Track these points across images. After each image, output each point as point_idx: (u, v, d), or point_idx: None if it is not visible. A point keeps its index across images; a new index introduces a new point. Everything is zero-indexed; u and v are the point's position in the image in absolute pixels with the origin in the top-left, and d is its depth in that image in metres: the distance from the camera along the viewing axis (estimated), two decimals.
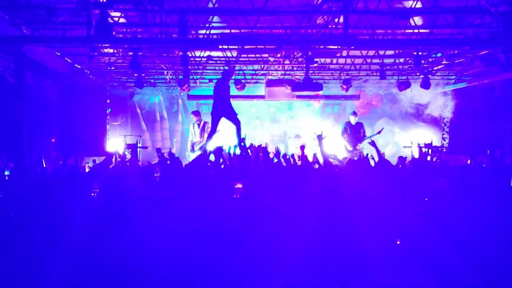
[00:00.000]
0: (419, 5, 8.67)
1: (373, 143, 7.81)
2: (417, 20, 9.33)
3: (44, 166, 5.88)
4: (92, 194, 4.45)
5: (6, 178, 6.86)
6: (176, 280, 3.41)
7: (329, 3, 8.44)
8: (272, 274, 3.06)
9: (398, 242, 3.43)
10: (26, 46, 8.60)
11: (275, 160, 6.93)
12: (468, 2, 8.34)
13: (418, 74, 13.62)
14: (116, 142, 13.79)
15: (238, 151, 8.45)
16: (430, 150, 12.35)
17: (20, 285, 3.26)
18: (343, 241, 3.54)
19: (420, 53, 10.53)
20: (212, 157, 7.58)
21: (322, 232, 3.55)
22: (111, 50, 11.42)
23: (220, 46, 10.93)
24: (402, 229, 3.62)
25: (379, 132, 12.76)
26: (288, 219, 3.72)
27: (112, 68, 12.69)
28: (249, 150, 7.22)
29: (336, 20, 8.96)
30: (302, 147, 7.30)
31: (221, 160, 6.82)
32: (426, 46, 10.51)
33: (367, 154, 8.23)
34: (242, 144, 8.56)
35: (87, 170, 6.52)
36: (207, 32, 10.07)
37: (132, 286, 3.40)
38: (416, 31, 9.76)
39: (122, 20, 9.01)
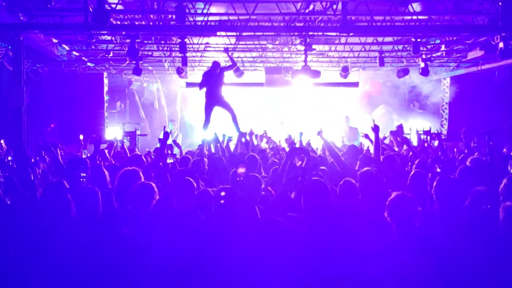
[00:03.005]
0: None
1: (366, 136, 7.77)
2: (416, 7, 9.28)
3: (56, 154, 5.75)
4: (81, 180, 4.34)
5: (10, 163, 6.83)
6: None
7: None
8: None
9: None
10: (23, 33, 8.55)
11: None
12: None
13: (417, 61, 13.59)
14: (114, 129, 13.80)
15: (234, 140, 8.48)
16: (429, 137, 12.38)
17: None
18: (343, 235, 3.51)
19: (418, 40, 10.49)
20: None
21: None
22: (109, 37, 11.36)
23: (218, 33, 10.88)
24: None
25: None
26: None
27: (110, 55, 12.63)
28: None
29: (335, 6, 8.91)
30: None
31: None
32: (425, 32, 10.47)
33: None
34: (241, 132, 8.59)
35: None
36: (205, 18, 10.02)
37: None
38: (414, 17, 9.71)
39: (119, 6, 8.95)
